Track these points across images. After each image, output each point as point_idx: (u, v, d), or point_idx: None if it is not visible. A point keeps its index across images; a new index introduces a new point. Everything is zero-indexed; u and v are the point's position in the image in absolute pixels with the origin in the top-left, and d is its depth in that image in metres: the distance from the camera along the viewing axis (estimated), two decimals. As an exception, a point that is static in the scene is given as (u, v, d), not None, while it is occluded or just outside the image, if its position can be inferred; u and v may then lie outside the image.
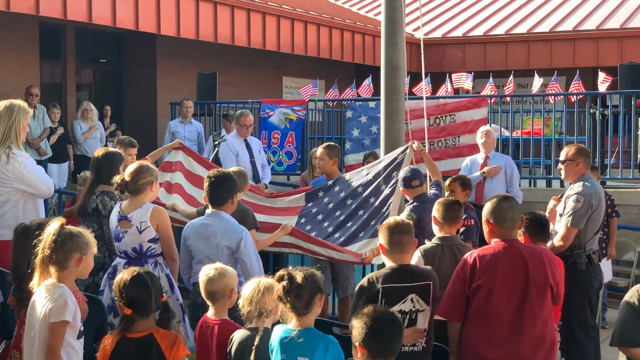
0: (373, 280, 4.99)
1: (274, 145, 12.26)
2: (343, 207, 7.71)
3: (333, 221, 7.73)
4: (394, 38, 7.58)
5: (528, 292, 4.86)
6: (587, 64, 17.62)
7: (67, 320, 4.29)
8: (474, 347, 4.94)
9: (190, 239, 5.98)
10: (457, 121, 11.33)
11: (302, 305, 4.35)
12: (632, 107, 11.23)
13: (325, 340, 4.31)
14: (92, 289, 6.36)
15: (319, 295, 4.41)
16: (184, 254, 6.07)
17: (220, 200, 5.97)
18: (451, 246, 5.73)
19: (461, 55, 19.36)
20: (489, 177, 9.54)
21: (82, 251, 4.46)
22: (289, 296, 4.33)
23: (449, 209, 5.81)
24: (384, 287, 4.94)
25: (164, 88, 15.43)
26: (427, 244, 5.86)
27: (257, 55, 16.59)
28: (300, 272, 4.40)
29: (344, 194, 7.79)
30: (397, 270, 5.01)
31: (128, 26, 13.01)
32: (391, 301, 4.94)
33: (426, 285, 5.04)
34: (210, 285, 4.99)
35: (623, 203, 10.28)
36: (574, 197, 6.39)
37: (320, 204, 7.92)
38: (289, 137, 12.38)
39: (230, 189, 6.00)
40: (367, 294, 4.96)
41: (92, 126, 12.90)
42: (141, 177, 6.03)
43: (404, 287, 4.97)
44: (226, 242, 5.81)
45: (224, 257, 5.75)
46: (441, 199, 5.99)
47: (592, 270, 6.50)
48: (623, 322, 4.47)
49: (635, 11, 19.10)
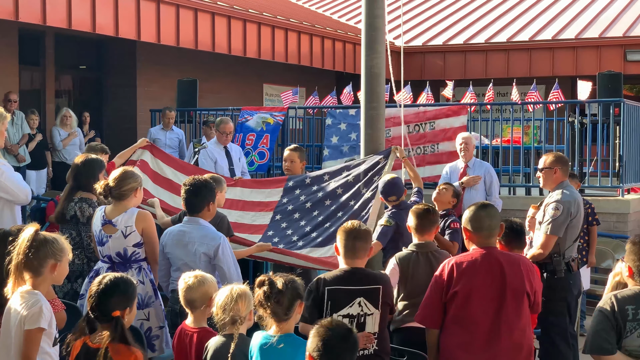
0: (320, 282, 5.03)
1: (247, 147, 12.19)
2: (321, 207, 7.71)
3: (311, 220, 7.72)
4: (374, 46, 7.60)
5: (505, 300, 4.86)
6: (566, 73, 17.74)
7: (43, 328, 4.24)
8: (451, 355, 4.94)
9: (168, 247, 5.95)
10: (437, 129, 11.35)
11: (282, 311, 4.33)
12: (611, 115, 11.30)
13: (306, 346, 4.30)
14: (70, 295, 6.33)
15: (299, 301, 4.40)
16: (162, 262, 6.04)
17: (197, 208, 5.95)
18: (427, 253, 5.77)
19: (441, 63, 19.43)
20: (468, 187, 9.52)
21: (57, 257, 4.41)
22: (269, 302, 4.31)
23: (422, 217, 5.85)
24: (330, 289, 4.98)
25: (144, 95, 15.38)
26: (403, 251, 5.89)
27: (238, 62, 16.57)
28: (281, 277, 4.38)
29: (322, 194, 7.80)
30: (347, 273, 5.03)
31: (108, 32, 12.95)
32: (338, 304, 4.98)
33: (375, 289, 5.05)
34: (190, 293, 4.96)
35: (602, 211, 10.33)
36: (553, 205, 6.41)
37: (297, 201, 7.91)
38: (264, 138, 12.30)
39: (207, 196, 5.97)
40: (314, 295, 5.00)
41: (71, 133, 12.83)
42: (125, 183, 6.01)
43: (350, 290, 4.99)
44: (203, 249, 5.78)
45: (202, 264, 5.73)
46: (414, 207, 6.01)
47: (571, 277, 6.52)
48: (595, 330, 4.48)
49: (614, 20, 19.26)
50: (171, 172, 8.38)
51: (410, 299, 5.72)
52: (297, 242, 7.68)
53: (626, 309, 4.41)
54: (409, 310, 5.71)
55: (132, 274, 5.98)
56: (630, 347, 4.41)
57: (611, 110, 11.30)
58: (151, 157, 8.41)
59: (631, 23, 18.81)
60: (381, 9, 7.64)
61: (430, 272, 5.52)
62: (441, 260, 5.66)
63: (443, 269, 5.01)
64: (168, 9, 13.74)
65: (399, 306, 5.78)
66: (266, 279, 4.37)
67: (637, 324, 4.40)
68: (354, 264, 5.07)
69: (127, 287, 4.33)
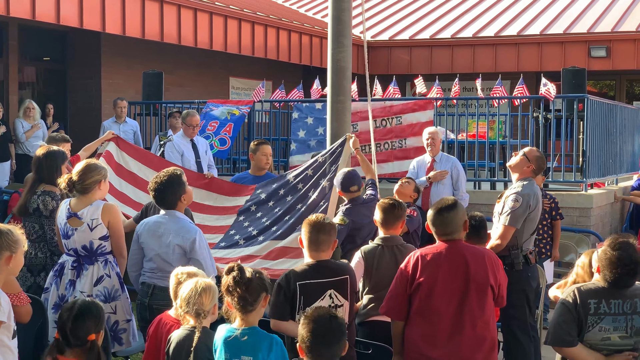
0: (290, 277, 5.05)
1: (208, 132, 12.09)
2: (283, 203, 7.74)
3: (271, 216, 7.75)
4: (341, 39, 7.61)
5: (468, 293, 4.91)
6: (531, 69, 17.88)
7: (2, 321, 4.20)
8: (415, 346, 4.98)
9: (143, 236, 5.92)
10: (404, 123, 11.38)
11: (247, 304, 4.33)
12: (575, 111, 11.40)
13: (269, 339, 4.31)
14: (33, 289, 6.28)
15: (264, 293, 4.41)
16: (135, 251, 6.00)
17: (171, 203, 5.92)
18: (392, 246, 5.81)
19: (407, 58, 19.50)
20: (435, 182, 9.56)
21: (12, 249, 4.37)
22: (238, 287, 4.31)
23: (388, 211, 5.89)
24: (301, 284, 5.01)
25: (109, 87, 15.24)
26: (369, 245, 5.93)
27: (204, 55, 16.49)
28: (250, 268, 4.42)
29: (283, 190, 7.81)
30: (314, 266, 5.08)
31: (72, 24, 12.83)
32: (310, 298, 5.02)
33: (344, 280, 5.12)
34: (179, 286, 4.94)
35: (565, 206, 10.44)
36: (513, 196, 6.47)
37: (260, 203, 7.92)
38: (227, 126, 12.18)
39: (177, 189, 5.93)
40: (284, 291, 5.02)
41: (34, 125, 12.69)
42: (88, 176, 5.96)
43: (321, 283, 5.04)
44: (178, 241, 5.76)
45: (175, 256, 5.71)
46: (381, 201, 6.03)
47: (529, 270, 6.58)
48: (557, 322, 4.53)
49: (578, 17, 19.44)
50: (136, 166, 8.33)
51: (375, 292, 5.75)
52: (257, 236, 7.70)
53: (588, 303, 4.47)
54: (374, 303, 5.73)
55: (98, 268, 5.95)
56: (592, 340, 4.47)
57: (575, 106, 11.40)
58: (116, 149, 8.35)
59: (595, 19, 19.01)
60: (347, 2, 7.65)
61: (395, 265, 5.56)
62: (406, 254, 5.70)
63: (408, 261, 5.06)
64: (133, 0, 13.63)
65: (364, 300, 5.81)
66: (235, 265, 4.38)
67: (598, 318, 4.46)
68: (319, 256, 5.11)
69: (98, 310, 4.42)
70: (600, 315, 4.47)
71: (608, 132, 12.65)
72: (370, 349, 5.42)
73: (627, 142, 14.11)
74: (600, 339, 4.47)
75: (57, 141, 7.84)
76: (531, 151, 6.75)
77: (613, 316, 4.48)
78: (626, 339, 4.50)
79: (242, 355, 4.28)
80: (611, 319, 4.47)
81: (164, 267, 5.72)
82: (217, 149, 12.01)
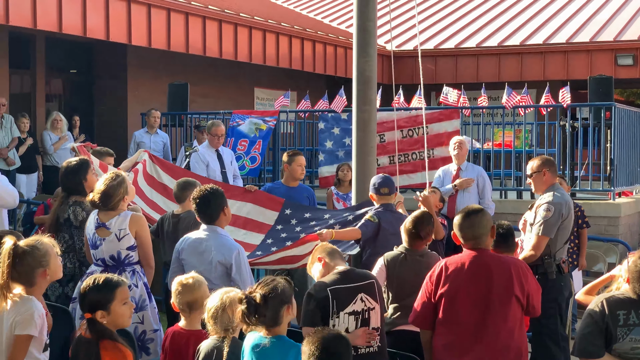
0: (321, 285, 5.08)
1: (239, 151, 12.18)
2: (309, 230, 7.68)
3: (293, 237, 7.73)
4: (366, 49, 7.60)
5: (491, 302, 4.86)
6: (557, 77, 17.77)
7: (32, 335, 4.23)
8: (440, 355, 4.98)
9: (184, 253, 5.93)
10: (430, 133, 11.35)
11: (268, 322, 4.31)
12: (602, 119, 11.32)
13: (297, 349, 4.29)
14: (62, 299, 6.30)
15: (285, 306, 4.35)
16: (175, 267, 6.00)
17: (213, 217, 5.91)
18: (415, 254, 5.79)
19: (432, 67, 19.45)
20: (461, 190, 9.54)
21: (43, 264, 4.39)
22: (250, 319, 4.27)
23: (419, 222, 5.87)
24: (333, 289, 5.03)
25: (135, 99, 15.34)
26: (392, 252, 5.92)
27: (229, 66, 16.55)
28: (262, 288, 4.31)
29: (315, 222, 7.83)
30: (342, 273, 5.13)
31: (98, 36, 12.91)
32: (342, 303, 5.04)
33: (371, 284, 5.19)
34: (190, 294, 4.95)
35: (593, 215, 10.35)
36: (545, 206, 6.43)
37: (291, 230, 7.93)
38: (257, 144, 12.31)
39: (219, 202, 5.93)
40: (315, 298, 5.02)
41: (62, 137, 12.79)
42: (109, 200, 5.98)
43: (352, 288, 5.08)
44: (219, 258, 5.75)
45: (217, 273, 5.72)
46: (413, 213, 6.02)
47: (562, 279, 6.53)
48: (582, 333, 4.48)
49: (605, 25, 19.31)
50: (167, 178, 8.38)
51: (399, 301, 5.75)
52: (271, 246, 7.71)
53: (617, 314, 4.41)
54: (400, 312, 5.73)
55: (125, 277, 5.95)
56: (621, 350, 4.42)
57: (602, 114, 11.33)
58: (150, 162, 8.42)
59: (622, 27, 18.87)
60: (373, 12, 7.63)
61: (416, 274, 5.58)
62: (430, 262, 5.69)
63: (434, 270, 5.04)
64: (159, 12, 13.70)
65: (389, 309, 5.79)
66: (243, 297, 4.30)
67: (627, 329, 4.40)
68: (341, 264, 5.25)
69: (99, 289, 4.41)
70: (630, 327, 4.41)
71: (636, 140, 12.55)
72: (397, 359, 5.40)
73: (655, 151, 13.97)
74: (630, 349, 4.41)
75: (102, 155, 7.98)
76: (531, 165, 6.73)
77: (643, 326, 4.42)
78: (655, 347, 4.44)
79: None
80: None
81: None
82: (249, 167, 12.12)
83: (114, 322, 4.40)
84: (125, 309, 4.45)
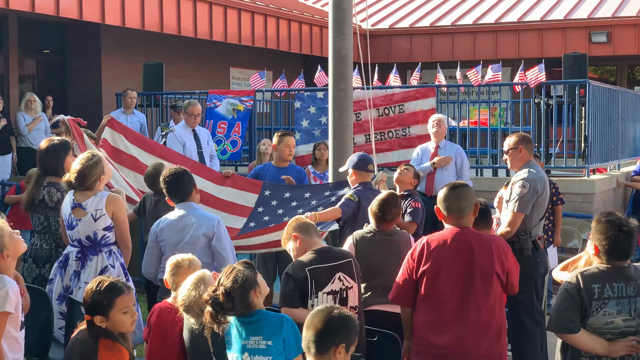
0: (298, 265, 5.08)
1: (219, 135, 12.16)
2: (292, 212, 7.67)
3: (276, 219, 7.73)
4: (342, 27, 7.60)
5: (473, 280, 4.88)
6: (532, 55, 17.82)
7: (8, 312, 4.21)
8: (421, 333, 4.98)
9: (164, 234, 5.93)
10: (406, 111, 11.37)
11: (240, 311, 4.27)
12: (576, 96, 11.38)
13: (279, 318, 4.31)
14: (39, 281, 6.28)
15: (252, 291, 4.28)
16: (152, 251, 6.01)
17: (186, 194, 5.97)
18: (384, 234, 5.83)
19: (408, 46, 19.45)
20: (439, 168, 9.57)
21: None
22: (219, 318, 4.24)
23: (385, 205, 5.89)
24: (311, 269, 5.05)
25: (109, 79, 15.22)
26: (361, 230, 5.94)
27: (204, 46, 16.46)
28: (223, 284, 4.24)
29: (296, 203, 7.83)
30: (320, 252, 5.15)
31: (72, 15, 12.80)
32: (321, 283, 5.06)
33: (349, 262, 5.21)
34: (182, 273, 4.93)
35: (567, 191, 10.43)
36: (520, 182, 6.47)
37: (273, 212, 7.93)
38: (236, 127, 12.29)
39: (189, 180, 5.99)
40: (294, 278, 5.05)
41: (36, 117, 12.68)
42: (86, 180, 5.96)
43: (330, 267, 5.10)
44: (203, 230, 5.79)
45: (200, 246, 5.73)
46: (378, 196, 6.05)
47: (538, 255, 6.59)
48: (559, 308, 4.52)
49: (579, 2, 19.38)
50: (135, 150, 8.29)
51: (367, 280, 5.76)
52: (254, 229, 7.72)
53: (592, 288, 4.46)
54: (370, 292, 5.77)
55: (102, 258, 5.95)
56: (596, 324, 4.46)
57: (577, 92, 11.38)
58: (111, 133, 8.26)
59: (596, 5, 18.95)
60: (348, -10, 7.62)
61: (385, 253, 5.63)
62: (400, 241, 5.73)
63: (415, 247, 5.04)
64: (133, -9, 13.60)
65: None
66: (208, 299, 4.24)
67: (602, 302, 4.45)
68: (318, 244, 5.24)
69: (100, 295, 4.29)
70: (604, 300, 4.46)
71: (610, 117, 12.63)
72: (375, 336, 5.43)
73: (628, 128, 14.09)
74: (604, 323, 4.46)
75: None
76: (508, 142, 6.76)
77: (617, 299, 4.47)
78: (629, 321, 4.49)
79: (251, 336, 4.26)
80: (615, 303, 4.46)
81: None
82: (230, 152, 12.10)
83: (113, 328, 4.30)
84: (124, 318, 4.29)
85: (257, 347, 4.25)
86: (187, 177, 6.00)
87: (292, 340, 4.21)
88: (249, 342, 4.26)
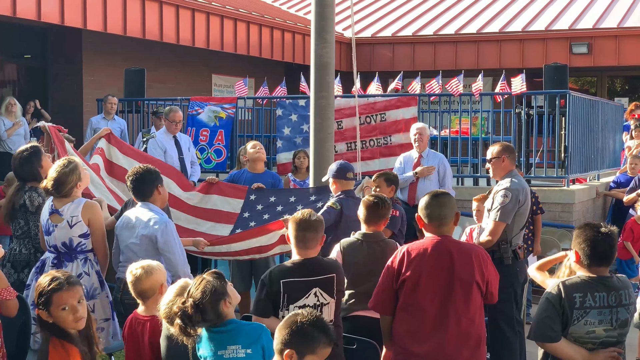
0: (273, 274, 5.01)
1: (202, 143, 12.14)
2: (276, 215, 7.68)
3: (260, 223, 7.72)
4: (324, 35, 7.60)
5: (453, 289, 4.88)
6: (513, 65, 17.92)
7: None
8: (401, 341, 4.98)
9: (119, 228, 5.96)
10: (388, 120, 11.37)
11: (211, 321, 4.21)
12: (557, 107, 11.43)
13: (257, 326, 4.28)
14: (16, 285, 6.21)
15: (222, 302, 4.22)
16: (116, 244, 6.02)
17: (146, 194, 5.93)
18: (372, 242, 5.78)
19: (390, 54, 19.50)
20: (422, 177, 9.57)
21: None
22: (189, 330, 4.18)
23: (372, 210, 5.84)
24: (285, 282, 4.98)
25: (90, 84, 15.15)
26: (348, 238, 5.90)
27: (187, 52, 16.43)
28: (192, 296, 4.18)
29: (281, 208, 7.82)
30: (299, 264, 5.05)
31: (53, 20, 12.74)
32: (294, 296, 4.99)
33: (330, 278, 5.10)
34: (139, 284, 4.91)
35: (547, 201, 10.47)
36: (502, 192, 6.49)
37: (259, 216, 7.92)
38: (218, 134, 12.27)
39: (154, 180, 5.96)
40: (267, 289, 4.99)
41: (16, 122, 12.58)
42: (62, 187, 5.94)
43: (306, 282, 5.01)
44: (145, 232, 5.74)
45: (143, 247, 5.70)
46: (365, 198, 6.00)
47: (517, 265, 6.60)
48: (540, 317, 4.52)
49: (560, 14, 19.52)
50: (126, 161, 8.29)
51: (354, 288, 5.73)
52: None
53: (574, 297, 4.46)
54: (354, 299, 5.73)
55: (77, 265, 5.92)
56: (577, 334, 4.47)
57: (557, 102, 11.43)
58: (107, 145, 8.31)
59: (577, 16, 19.08)
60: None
61: (373, 261, 5.58)
62: (387, 249, 5.70)
63: (395, 255, 5.03)
64: (115, -3, 13.56)
65: (345, 295, 5.79)
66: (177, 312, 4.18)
67: (583, 311, 4.45)
68: (306, 254, 5.09)
69: (42, 290, 4.25)
70: (585, 309, 4.46)
71: (590, 128, 12.70)
72: (355, 344, 5.42)
73: (608, 138, 14.17)
74: (585, 332, 4.46)
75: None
76: (491, 151, 6.79)
77: (598, 309, 4.47)
78: (610, 331, 4.50)
79: (228, 345, 4.21)
80: (596, 312, 4.47)
81: (132, 259, 5.50)
82: (215, 161, 12.07)
83: (59, 324, 4.25)
84: (64, 315, 4.22)
85: (235, 356, 4.20)
86: (148, 177, 5.94)
87: (271, 348, 4.19)
88: (226, 352, 4.21)
